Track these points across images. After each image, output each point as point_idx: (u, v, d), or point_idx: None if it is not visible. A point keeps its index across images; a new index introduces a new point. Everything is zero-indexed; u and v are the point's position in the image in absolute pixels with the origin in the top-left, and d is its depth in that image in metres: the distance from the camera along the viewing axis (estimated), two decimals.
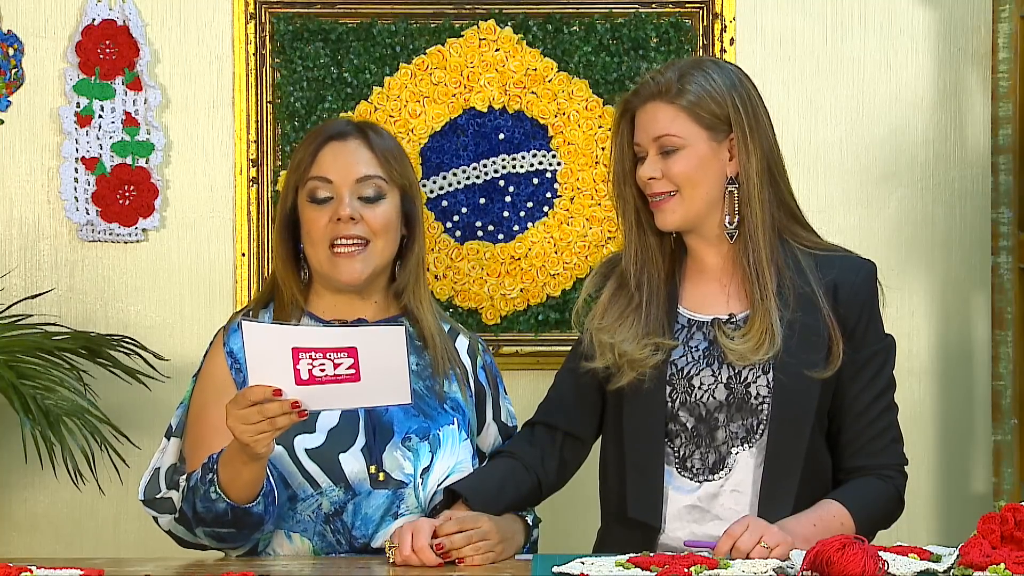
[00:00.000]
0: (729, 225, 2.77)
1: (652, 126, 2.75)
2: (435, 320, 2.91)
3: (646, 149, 2.76)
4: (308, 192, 2.85)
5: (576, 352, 2.86)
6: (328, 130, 2.90)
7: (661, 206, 2.76)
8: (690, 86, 2.74)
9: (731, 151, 2.76)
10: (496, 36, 3.63)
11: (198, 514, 2.67)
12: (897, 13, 3.67)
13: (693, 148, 2.74)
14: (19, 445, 3.31)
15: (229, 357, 2.84)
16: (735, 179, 2.76)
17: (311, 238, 2.84)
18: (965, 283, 3.69)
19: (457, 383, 2.90)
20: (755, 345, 2.71)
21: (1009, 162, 3.60)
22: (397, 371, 2.48)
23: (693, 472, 2.75)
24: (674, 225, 2.77)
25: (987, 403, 3.65)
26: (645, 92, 2.77)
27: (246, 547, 2.76)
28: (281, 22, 3.62)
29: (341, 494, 2.77)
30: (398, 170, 2.87)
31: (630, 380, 2.74)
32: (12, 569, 2.39)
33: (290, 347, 2.46)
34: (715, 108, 2.74)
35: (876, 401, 2.77)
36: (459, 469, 2.84)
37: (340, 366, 2.46)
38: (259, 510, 2.66)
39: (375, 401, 2.54)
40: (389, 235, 2.85)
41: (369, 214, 2.83)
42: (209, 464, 2.65)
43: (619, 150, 2.81)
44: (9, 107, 3.62)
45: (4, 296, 3.57)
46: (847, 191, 3.67)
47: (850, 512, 2.69)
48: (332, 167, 2.84)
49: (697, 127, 2.74)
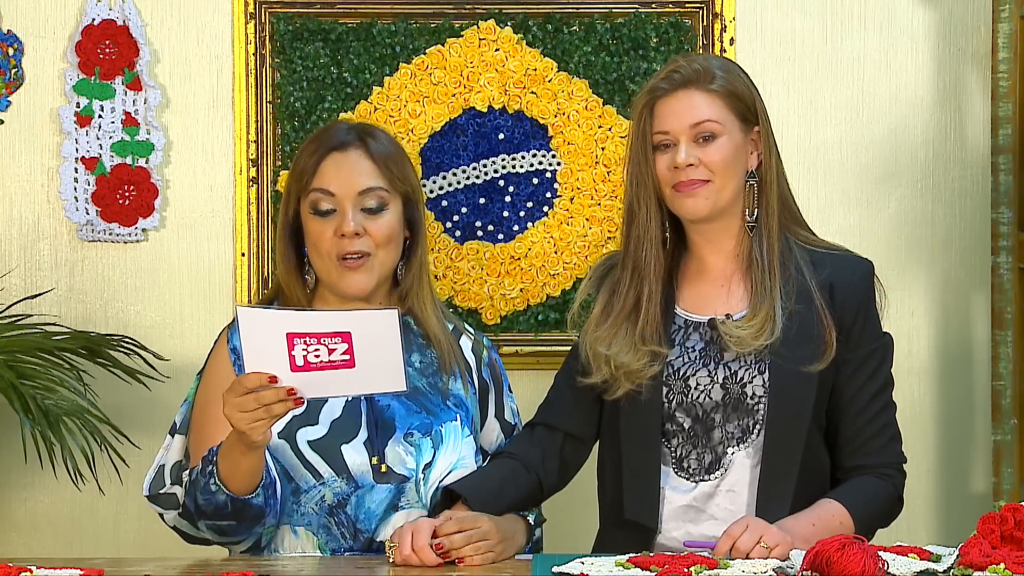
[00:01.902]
0: (749, 217, 2.77)
1: (689, 113, 2.73)
2: (439, 320, 2.93)
3: (676, 137, 2.74)
4: (311, 204, 2.86)
5: (575, 352, 2.86)
6: (329, 141, 2.89)
7: (695, 191, 2.73)
8: (724, 75, 2.75)
9: (755, 144, 2.77)
10: (496, 36, 3.62)
11: (199, 507, 2.69)
12: (897, 13, 3.67)
13: (730, 136, 2.74)
14: (19, 445, 3.31)
15: (232, 353, 2.86)
16: (756, 172, 2.78)
17: (318, 250, 2.86)
18: (965, 283, 3.68)
19: (461, 380, 2.91)
20: (757, 331, 2.71)
21: (1009, 162, 3.60)
22: (391, 356, 2.48)
23: (689, 472, 2.75)
24: (704, 212, 2.75)
25: (987, 403, 3.65)
26: (676, 80, 2.75)
27: (248, 541, 2.77)
28: (281, 22, 3.62)
29: (344, 485, 2.78)
30: (399, 176, 2.88)
31: (627, 391, 2.75)
32: (12, 569, 2.39)
33: (284, 332, 2.47)
34: (747, 98, 2.77)
35: (874, 400, 2.77)
36: (461, 465, 2.84)
37: (335, 352, 2.47)
38: (259, 502, 2.67)
39: (371, 388, 2.54)
40: (392, 245, 2.87)
41: (372, 226, 2.84)
42: (209, 456, 2.67)
43: (641, 139, 2.78)
44: (9, 107, 3.62)
45: (4, 296, 3.57)
46: (847, 191, 3.67)
47: (849, 511, 2.69)
48: (334, 180, 2.85)
49: (732, 116, 2.75)
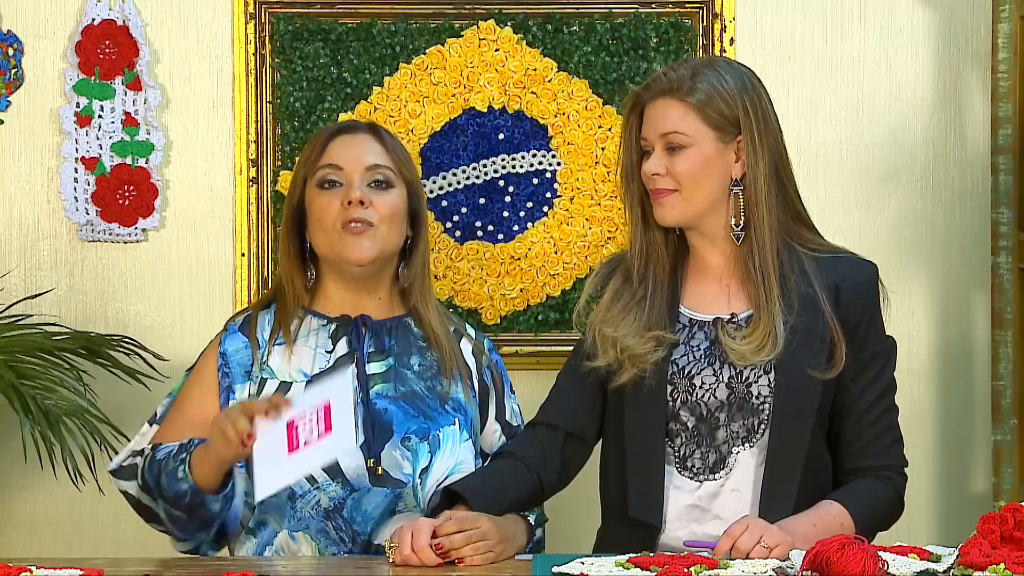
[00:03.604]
0: (735, 227, 2.77)
1: (660, 122, 2.74)
2: (441, 322, 2.93)
3: (653, 144, 2.75)
4: (318, 180, 2.88)
5: (578, 352, 2.86)
6: (337, 126, 2.98)
7: (661, 200, 2.75)
8: (702, 85, 2.73)
9: (738, 153, 2.76)
10: (496, 36, 3.62)
11: (161, 487, 2.73)
12: (897, 13, 3.67)
13: (699, 147, 2.74)
14: (19, 445, 3.31)
15: (221, 358, 2.88)
16: (740, 181, 2.76)
17: (321, 224, 2.86)
18: (965, 283, 3.68)
19: (461, 383, 2.91)
20: (757, 347, 2.71)
21: (1009, 162, 3.60)
22: (348, 416, 2.57)
23: (693, 472, 2.74)
24: (673, 221, 2.77)
25: (987, 403, 3.65)
26: (656, 87, 2.76)
27: (188, 544, 2.82)
28: (281, 22, 3.62)
29: (339, 489, 2.78)
30: (406, 165, 2.92)
31: (631, 377, 2.74)
32: (12, 569, 2.39)
33: (284, 424, 2.57)
34: (725, 109, 2.74)
35: (877, 402, 2.77)
36: (459, 470, 2.84)
37: (318, 423, 2.55)
38: (214, 508, 2.72)
39: (336, 451, 2.61)
40: (395, 223, 2.87)
41: (378, 200, 2.86)
42: (187, 444, 2.73)
43: (627, 144, 2.80)
44: (9, 107, 3.62)
45: (4, 296, 3.57)
46: (847, 191, 3.67)
47: (850, 513, 2.68)
48: (343, 155, 2.88)
49: (705, 127, 2.74)
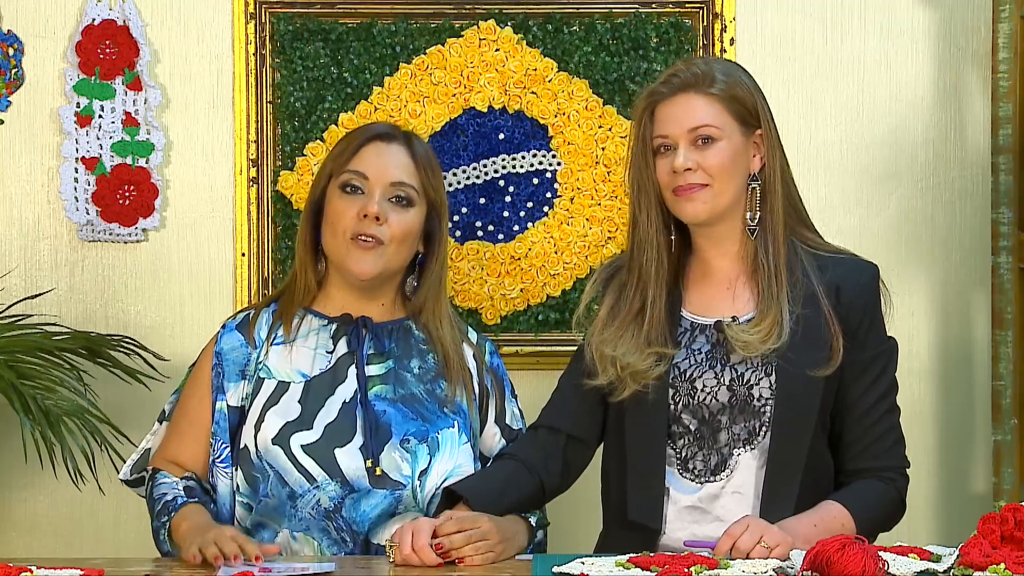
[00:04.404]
0: (751, 221, 2.77)
1: (687, 117, 2.73)
2: (454, 339, 2.93)
3: (676, 141, 2.74)
4: (341, 182, 2.89)
5: (579, 355, 2.86)
6: (374, 129, 2.96)
7: (692, 195, 2.73)
8: (722, 78, 2.74)
9: (757, 147, 2.76)
10: (496, 36, 3.62)
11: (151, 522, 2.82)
12: (897, 13, 3.67)
13: (729, 140, 2.74)
14: (19, 445, 3.31)
15: (216, 357, 2.90)
16: (758, 175, 2.77)
17: (334, 228, 2.87)
18: (965, 283, 3.68)
19: (463, 387, 2.91)
20: (764, 336, 2.70)
21: (1009, 162, 3.60)
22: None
23: (695, 473, 2.74)
24: (704, 216, 2.75)
25: (987, 403, 3.65)
26: (675, 83, 2.75)
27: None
28: (281, 22, 3.62)
29: (338, 489, 2.78)
30: (432, 184, 2.91)
31: (633, 392, 2.74)
32: (12, 569, 2.39)
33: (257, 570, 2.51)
34: (747, 101, 2.75)
35: (878, 403, 2.77)
36: (458, 472, 2.84)
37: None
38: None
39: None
40: (406, 244, 2.88)
41: (394, 218, 2.85)
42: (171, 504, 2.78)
43: (642, 143, 2.79)
44: (9, 107, 3.62)
45: (4, 296, 3.57)
46: (847, 191, 3.67)
47: (851, 514, 2.69)
48: (371, 164, 2.88)
49: (732, 119, 2.74)
